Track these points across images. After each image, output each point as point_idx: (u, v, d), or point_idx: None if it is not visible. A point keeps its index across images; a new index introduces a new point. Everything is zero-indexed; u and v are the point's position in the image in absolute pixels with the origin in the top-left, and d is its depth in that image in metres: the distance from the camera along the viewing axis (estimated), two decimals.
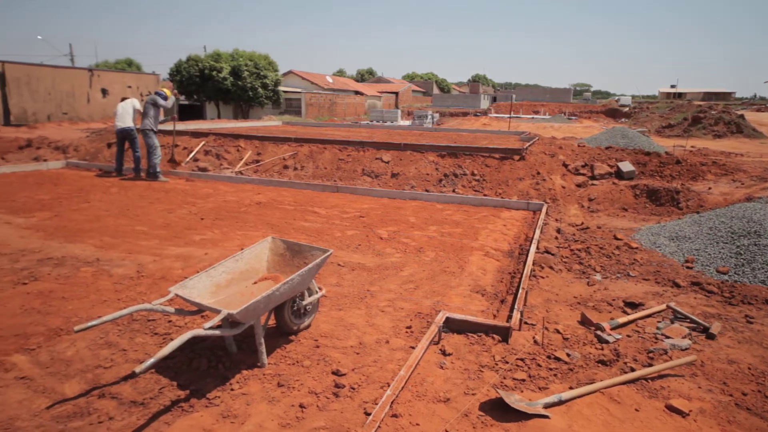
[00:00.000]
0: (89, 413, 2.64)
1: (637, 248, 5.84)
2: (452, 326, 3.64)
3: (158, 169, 9.80)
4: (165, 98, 9.81)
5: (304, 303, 3.46)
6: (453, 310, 3.97)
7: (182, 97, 32.67)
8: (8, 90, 16.23)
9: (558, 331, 3.72)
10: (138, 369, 2.31)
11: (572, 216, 7.76)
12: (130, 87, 21.42)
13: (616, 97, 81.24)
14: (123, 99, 10.38)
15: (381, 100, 53.61)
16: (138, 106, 10.07)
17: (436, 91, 78.48)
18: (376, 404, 2.70)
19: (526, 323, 3.77)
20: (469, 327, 3.61)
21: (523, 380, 3.05)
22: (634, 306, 4.27)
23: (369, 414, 2.64)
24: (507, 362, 3.21)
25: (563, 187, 9.08)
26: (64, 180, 9.55)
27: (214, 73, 30.33)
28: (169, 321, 3.68)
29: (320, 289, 3.67)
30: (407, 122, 29.70)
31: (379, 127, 20.12)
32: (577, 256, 5.59)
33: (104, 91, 19.98)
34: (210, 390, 2.86)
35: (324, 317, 3.83)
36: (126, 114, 9.81)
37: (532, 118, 40.13)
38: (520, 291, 4.19)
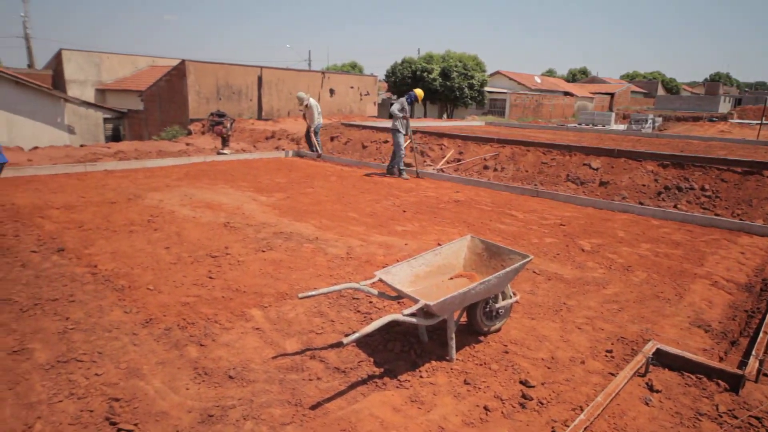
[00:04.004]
0: (302, 370, 3.06)
1: None
2: (663, 360, 3.19)
3: (401, 167, 10.28)
4: (412, 100, 10.05)
5: (497, 306, 3.43)
6: (665, 341, 3.48)
7: (394, 97, 35.16)
8: (263, 90, 19.71)
9: None
10: (345, 340, 2.58)
11: None
12: (352, 87, 23.93)
13: None
14: (305, 98, 12.39)
15: (593, 102, 49.59)
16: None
17: (660, 92, 69.20)
18: (566, 426, 2.54)
19: (766, 375, 3.10)
20: (685, 365, 3.12)
21: None
22: None
23: None
24: (736, 417, 2.68)
25: None
26: (296, 167, 11.19)
27: (425, 74, 31.89)
28: (370, 302, 4.02)
29: (514, 294, 3.59)
30: (622, 126, 26.91)
31: (588, 130, 18.65)
32: None
33: (332, 91, 22.76)
34: (401, 372, 3.05)
35: (515, 324, 3.74)
36: (319, 114, 12.59)
37: None
38: (761, 335, 3.45)
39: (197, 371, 2.97)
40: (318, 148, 12.65)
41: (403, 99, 10.23)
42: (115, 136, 20.50)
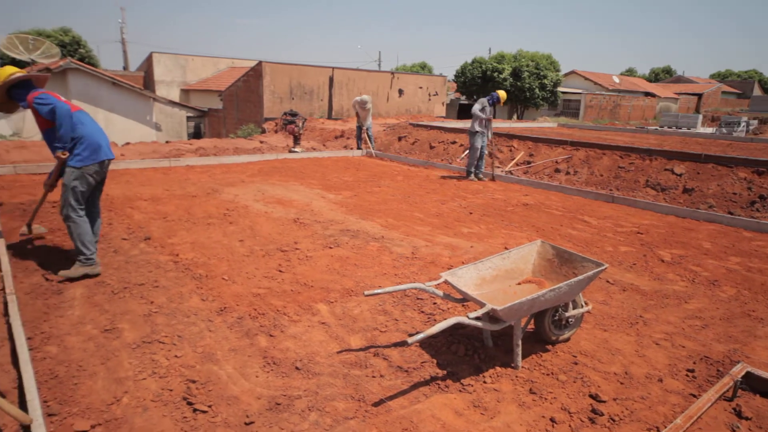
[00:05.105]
0: (366, 366, 3.10)
1: None
2: (755, 385, 2.93)
3: (471, 170, 10.01)
4: (494, 101, 9.76)
5: (567, 315, 3.30)
6: (757, 365, 3.20)
7: (463, 97, 34.78)
8: (334, 90, 20.19)
9: None
10: (410, 340, 2.59)
11: None
12: (421, 88, 23.93)
13: None
14: (368, 101, 12.66)
15: (677, 103, 46.41)
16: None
17: (757, 92, 63.44)
18: None
19: None
20: None
21: None
22: None
23: None
24: None
25: None
26: (363, 166, 11.36)
27: (496, 74, 31.26)
28: (434, 303, 4.01)
29: (586, 303, 3.44)
30: (710, 130, 24.98)
31: (671, 133, 17.51)
32: None
33: (400, 92, 22.88)
34: (464, 376, 3.01)
35: (585, 334, 3.58)
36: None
37: None
38: None
39: (266, 360, 3.10)
40: (372, 146, 13.23)
41: (484, 99, 9.84)
42: (196, 134, 21.82)
